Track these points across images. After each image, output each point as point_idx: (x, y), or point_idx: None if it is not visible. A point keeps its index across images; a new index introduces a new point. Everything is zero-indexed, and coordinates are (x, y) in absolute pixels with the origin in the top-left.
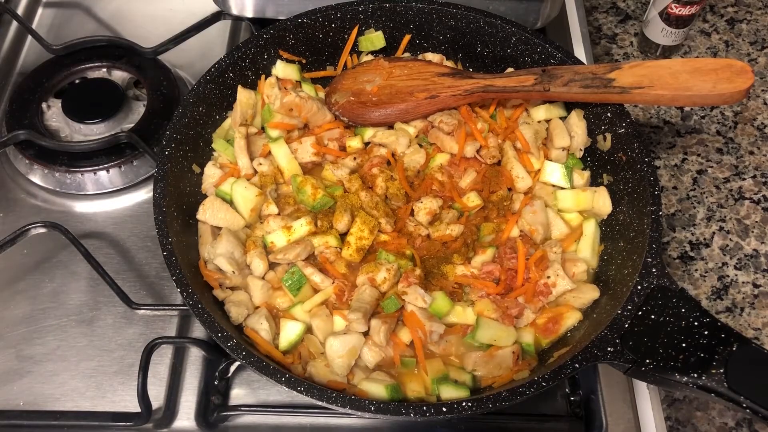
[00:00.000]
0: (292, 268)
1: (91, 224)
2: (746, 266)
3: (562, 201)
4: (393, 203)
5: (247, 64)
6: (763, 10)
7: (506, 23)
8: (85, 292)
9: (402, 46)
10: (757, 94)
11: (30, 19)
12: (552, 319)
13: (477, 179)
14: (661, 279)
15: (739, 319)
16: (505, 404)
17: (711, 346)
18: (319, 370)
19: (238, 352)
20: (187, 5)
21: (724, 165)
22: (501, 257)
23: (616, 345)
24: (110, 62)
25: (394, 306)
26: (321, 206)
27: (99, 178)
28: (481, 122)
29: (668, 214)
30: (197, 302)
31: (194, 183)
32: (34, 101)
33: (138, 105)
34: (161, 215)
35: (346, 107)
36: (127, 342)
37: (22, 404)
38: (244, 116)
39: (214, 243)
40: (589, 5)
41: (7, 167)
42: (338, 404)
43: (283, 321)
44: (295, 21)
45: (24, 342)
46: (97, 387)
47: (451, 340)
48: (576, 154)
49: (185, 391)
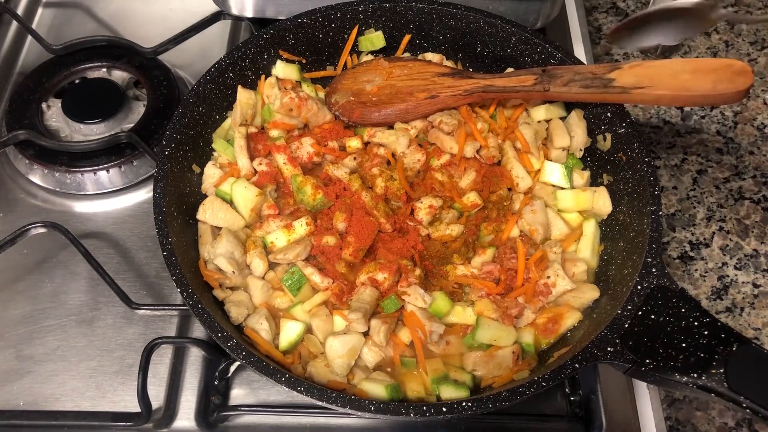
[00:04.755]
0: (292, 268)
1: (91, 224)
2: (746, 266)
3: (562, 201)
4: (393, 203)
5: (247, 64)
6: (763, 10)
7: (506, 23)
8: (85, 292)
9: (402, 46)
10: (757, 94)
11: (30, 19)
12: (552, 319)
13: (477, 179)
14: (661, 279)
15: (739, 319)
16: (505, 404)
17: (711, 346)
18: (319, 370)
19: (238, 352)
20: (187, 5)
21: (724, 165)
22: (501, 257)
23: (616, 345)
24: (110, 62)
25: (394, 306)
26: (321, 206)
27: (99, 178)
28: (481, 122)
29: (668, 214)
30: (197, 302)
31: (194, 183)
32: (34, 101)
33: (138, 105)
34: (161, 215)
35: (346, 107)
36: (127, 342)
37: (22, 404)
38: (244, 116)
39: (214, 243)
40: (589, 5)
41: (7, 167)
42: (338, 404)
43: (283, 321)
44: (295, 21)
45: (24, 342)
46: (97, 387)
47: (451, 340)
48: (576, 154)
49: (185, 391)
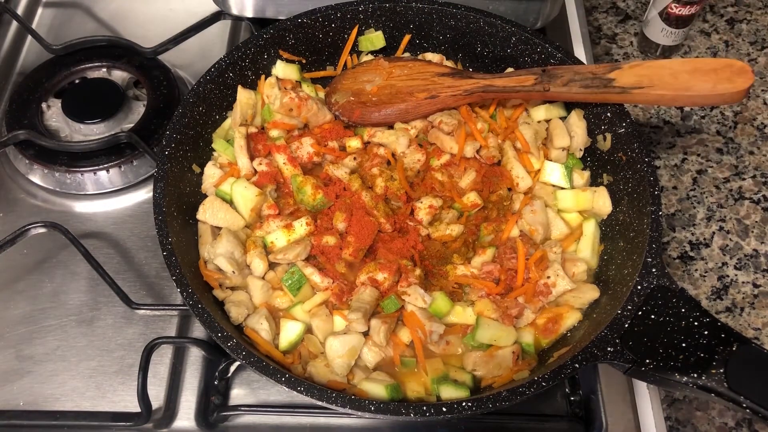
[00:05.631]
0: (292, 268)
1: (91, 224)
2: (746, 266)
3: (562, 201)
4: (393, 203)
5: (247, 64)
6: (763, 10)
7: (506, 23)
8: (85, 292)
9: (402, 46)
10: (757, 94)
11: (30, 19)
12: (552, 319)
13: (477, 179)
14: (661, 279)
15: (739, 319)
16: (505, 404)
17: (711, 346)
18: (319, 370)
19: (238, 352)
20: (187, 5)
21: (724, 165)
22: (501, 257)
23: (616, 345)
24: (110, 62)
25: (394, 306)
26: (321, 206)
27: (99, 178)
28: (481, 122)
29: (668, 214)
30: (197, 302)
31: (194, 183)
32: (34, 101)
33: (138, 105)
34: (161, 215)
35: (345, 107)
36: (127, 342)
37: (22, 404)
38: (244, 116)
39: (214, 243)
40: (589, 5)
41: (7, 167)
42: (338, 404)
43: (283, 321)
44: (295, 21)
45: (24, 342)
46: (97, 387)
47: (451, 340)
48: (576, 154)
49: (185, 391)
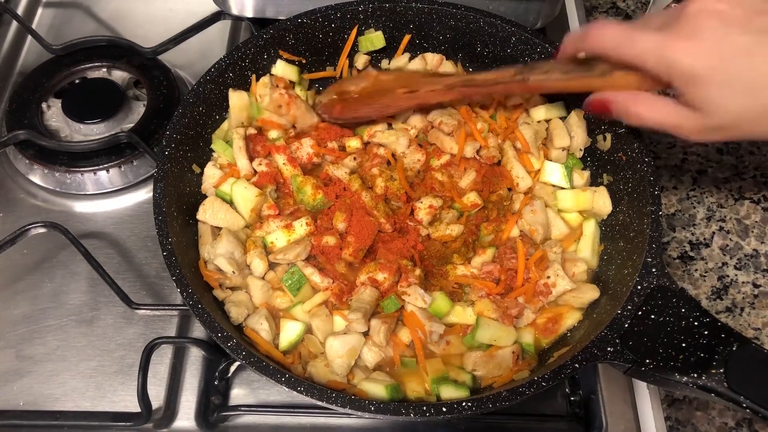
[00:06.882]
0: (292, 268)
1: (91, 224)
2: (746, 266)
3: (562, 201)
4: (393, 203)
5: (247, 64)
6: None
7: (506, 23)
8: (85, 292)
9: (402, 46)
10: None
11: (30, 19)
12: (552, 319)
13: (477, 179)
14: (661, 279)
15: (739, 319)
16: (505, 404)
17: (711, 346)
18: (319, 370)
19: (238, 352)
20: (187, 5)
21: (724, 165)
22: (501, 257)
23: (616, 345)
24: (110, 62)
25: (394, 306)
26: (321, 206)
27: (99, 178)
28: (481, 122)
29: (668, 214)
30: (197, 302)
31: (194, 183)
32: (34, 101)
33: (138, 105)
34: (161, 215)
35: (328, 105)
36: (127, 342)
37: (22, 404)
38: (238, 120)
39: (214, 243)
40: (589, 5)
41: (7, 167)
42: (338, 404)
43: (283, 321)
44: (295, 21)
45: (24, 342)
46: (97, 387)
47: (451, 340)
48: (576, 154)
49: (185, 391)
